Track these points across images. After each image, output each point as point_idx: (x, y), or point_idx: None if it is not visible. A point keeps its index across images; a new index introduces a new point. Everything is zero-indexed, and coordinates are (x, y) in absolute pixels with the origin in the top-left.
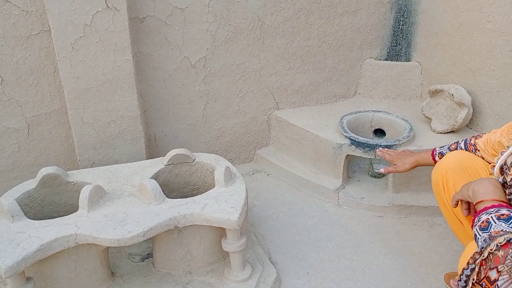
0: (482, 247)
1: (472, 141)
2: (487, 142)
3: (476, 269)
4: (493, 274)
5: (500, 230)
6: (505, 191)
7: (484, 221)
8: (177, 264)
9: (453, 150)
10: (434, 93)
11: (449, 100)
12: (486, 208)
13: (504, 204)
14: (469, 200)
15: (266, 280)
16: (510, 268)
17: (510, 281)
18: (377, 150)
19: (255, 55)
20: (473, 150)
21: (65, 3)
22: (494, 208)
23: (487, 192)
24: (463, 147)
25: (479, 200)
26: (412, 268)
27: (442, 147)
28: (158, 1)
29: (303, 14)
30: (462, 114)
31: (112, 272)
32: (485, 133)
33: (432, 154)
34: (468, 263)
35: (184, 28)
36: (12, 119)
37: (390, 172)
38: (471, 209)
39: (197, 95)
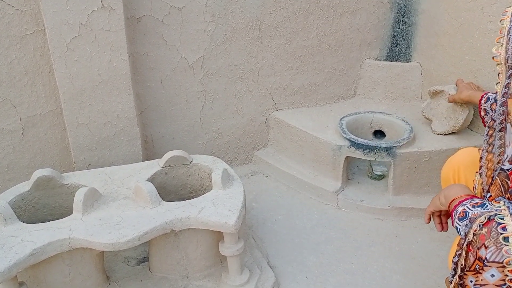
0: (465, 232)
1: None
2: None
3: (464, 254)
4: (482, 253)
5: (477, 213)
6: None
7: (461, 212)
8: (173, 268)
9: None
10: (435, 94)
11: None
12: (460, 202)
13: (475, 196)
14: (442, 208)
15: (264, 284)
16: (495, 239)
17: (497, 251)
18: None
19: (253, 55)
20: None
21: (60, 2)
22: (467, 200)
23: (458, 192)
24: None
25: (452, 199)
26: (413, 272)
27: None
28: (154, 0)
29: (302, 14)
30: (463, 115)
31: (108, 276)
32: None
33: (481, 97)
34: (456, 252)
35: (181, 28)
36: (6, 120)
37: (451, 101)
38: (442, 222)
39: (194, 96)
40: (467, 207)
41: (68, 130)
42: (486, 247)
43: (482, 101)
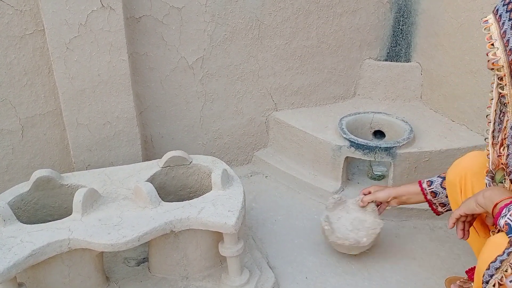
0: None
1: None
2: None
3: None
4: None
5: None
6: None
7: None
8: (173, 269)
9: (443, 177)
10: (335, 205)
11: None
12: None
13: None
14: (477, 211)
15: (264, 285)
16: None
17: None
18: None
19: (253, 55)
20: None
21: (59, 2)
22: None
23: (503, 193)
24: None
25: (498, 201)
26: (413, 272)
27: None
28: (154, 0)
29: (302, 14)
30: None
31: (107, 277)
32: None
33: (420, 183)
34: (504, 249)
35: (181, 28)
36: (5, 120)
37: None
38: (464, 229)
39: (194, 96)
40: None
41: (67, 130)
42: None
43: (425, 185)
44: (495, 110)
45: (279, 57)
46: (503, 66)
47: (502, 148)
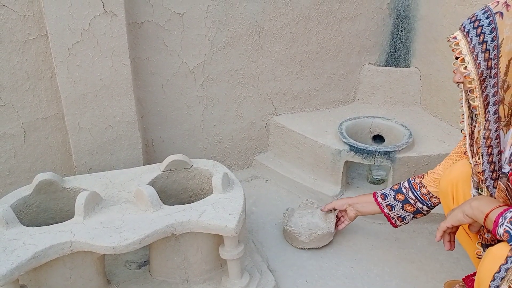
0: None
1: (417, 180)
2: (434, 175)
3: None
4: None
5: None
6: None
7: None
8: (174, 272)
9: (395, 190)
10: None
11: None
12: (506, 209)
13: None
14: (464, 222)
15: None
16: None
17: None
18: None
19: (253, 60)
20: (418, 188)
21: (62, 8)
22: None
23: (491, 202)
24: (408, 186)
25: (488, 211)
26: (412, 276)
27: (383, 189)
28: (156, 6)
29: (302, 20)
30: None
31: (108, 279)
32: (426, 173)
33: (374, 196)
34: (507, 257)
35: (182, 33)
36: (8, 124)
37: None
38: (451, 241)
39: (195, 100)
40: None
41: (69, 134)
42: None
43: (379, 199)
44: (468, 124)
45: (279, 62)
46: (474, 79)
47: (477, 157)
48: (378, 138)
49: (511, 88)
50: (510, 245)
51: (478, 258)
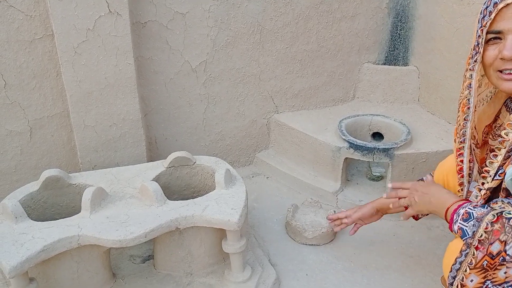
0: (474, 231)
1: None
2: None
3: (472, 253)
4: (495, 248)
5: (483, 212)
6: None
7: (464, 213)
8: (177, 266)
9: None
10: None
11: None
12: (459, 206)
13: (466, 200)
14: (424, 213)
15: (266, 281)
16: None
17: None
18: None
19: (255, 59)
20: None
21: (68, 8)
22: (466, 203)
23: (450, 197)
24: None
25: (447, 207)
26: (410, 270)
27: None
28: (159, 6)
29: (302, 19)
30: None
31: (114, 273)
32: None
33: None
34: (461, 251)
35: (185, 32)
36: (15, 122)
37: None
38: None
39: (197, 98)
40: (468, 208)
41: (75, 132)
42: (501, 242)
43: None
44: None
45: (280, 61)
46: None
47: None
48: (378, 136)
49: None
50: (464, 240)
51: None
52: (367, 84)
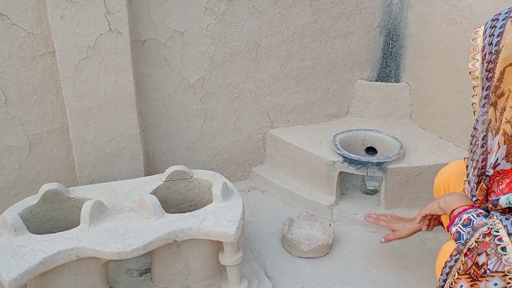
0: (467, 238)
1: None
2: None
3: (462, 259)
4: (482, 259)
5: (481, 222)
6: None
7: (466, 219)
8: (175, 279)
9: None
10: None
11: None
12: (465, 210)
13: (478, 206)
14: (438, 213)
15: None
16: (495, 250)
17: (498, 262)
18: (367, 216)
19: (251, 76)
20: None
21: (70, 26)
22: (472, 209)
23: (461, 200)
24: None
25: (455, 207)
26: (405, 282)
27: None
28: (158, 24)
29: (297, 37)
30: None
31: (111, 287)
32: None
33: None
34: (451, 255)
35: (183, 50)
36: (14, 137)
37: (392, 240)
38: (429, 225)
39: (194, 114)
40: (472, 215)
41: (74, 146)
42: (487, 255)
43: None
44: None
45: (276, 78)
46: (477, 77)
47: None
48: (371, 150)
49: (505, 95)
50: (457, 244)
51: None
52: (360, 100)
